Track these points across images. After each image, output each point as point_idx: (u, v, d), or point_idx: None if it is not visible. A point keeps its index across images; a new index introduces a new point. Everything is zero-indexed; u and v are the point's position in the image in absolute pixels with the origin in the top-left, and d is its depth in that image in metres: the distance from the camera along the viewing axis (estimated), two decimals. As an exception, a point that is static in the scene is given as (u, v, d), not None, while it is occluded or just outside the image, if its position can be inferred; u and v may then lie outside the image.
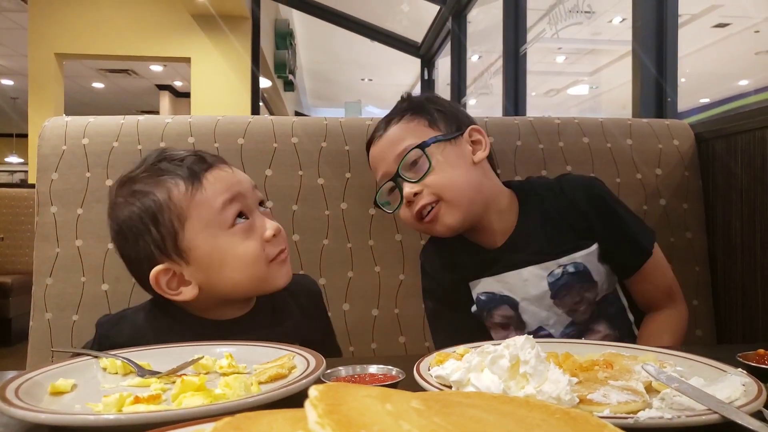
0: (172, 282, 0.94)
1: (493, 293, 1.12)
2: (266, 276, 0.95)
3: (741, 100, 10.41)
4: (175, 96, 11.56)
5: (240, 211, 0.95)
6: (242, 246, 0.93)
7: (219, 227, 0.92)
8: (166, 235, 0.92)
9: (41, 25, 6.78)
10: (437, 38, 5.95)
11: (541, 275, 1.09)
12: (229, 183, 0.95)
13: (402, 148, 1.08)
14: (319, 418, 0.33)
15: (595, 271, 1.09)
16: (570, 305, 1.08)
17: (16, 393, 0.65)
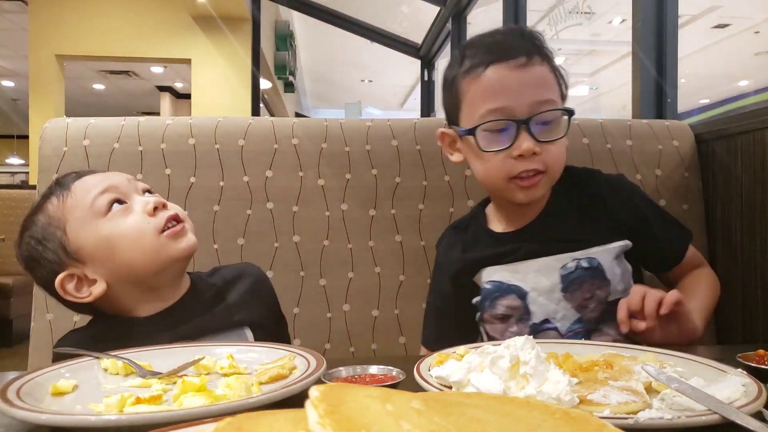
0: (80, 286, 0.95)
1: (501, 282, 1.08)
2: (159, 247, 0.94)
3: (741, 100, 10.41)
4: (176, 97, 11.57)
5: (115, 199, 0.96)
6: (123, 224, 0.94)
7: (95, 218, 0.94)
8: (56, 248, 0.95)
9: (42, 27, 6.79)
10: (437, 39, 5.94)
11: (554, 267, 1.05)
12: (97, 180, 0.98)
13: (545, 99, 1.00)
14: (320, 419, 0.33)
15: (609, 270, 1.05)
16: (580, 301, 1.04)
17: (18, 394, 0.65)
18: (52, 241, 0.95)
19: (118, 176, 1.00)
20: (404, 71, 9.42)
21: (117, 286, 0.95)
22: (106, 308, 0.98)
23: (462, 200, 1.43)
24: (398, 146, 1.43)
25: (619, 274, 1.06)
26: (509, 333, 1.07)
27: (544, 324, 1.06)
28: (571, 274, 1.04)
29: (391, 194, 1.42)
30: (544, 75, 1.03)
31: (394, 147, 1.43)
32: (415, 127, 1.45)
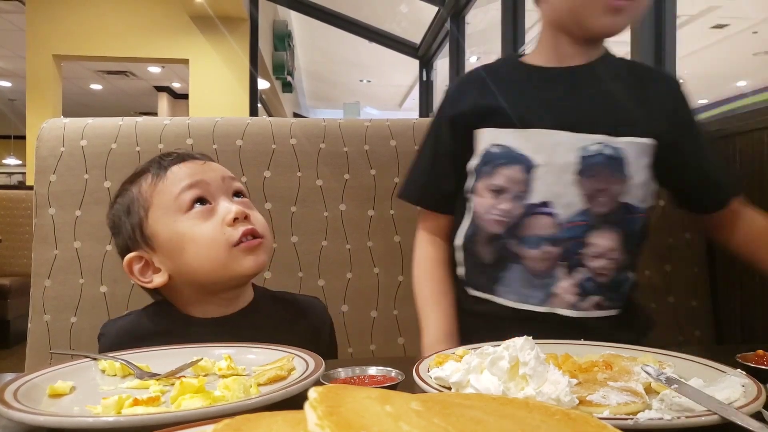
0: (145, 270, 0.96)
1: (510, 148, 0.98)
2: (227, 260, 0.92)
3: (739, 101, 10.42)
4: (174, 97, 11.57)
5: (200, 197, 0.94)
6: (198, 228, 0.92)
7: (176, 212, 0.93)
8: (135, 225, 0.96)
9: (39, 27, 6.78)
10: (436, 39, 5.95)
11: (574, 144, 0.96)
12: (191, 171, 0.96)
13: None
14: (319, 420, 0.33)
15: (632, 165, 0.97)
16: (591, 189, 0.95)
17: (15, 395, 0.64)
18: (133, 218, 0.96)
19: (213, 172, 0.98)
20: (403, 71, 9.43)
21: (178, 282, 0.95)
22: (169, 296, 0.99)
23: (460, 200, 1.43)
24: (397, 146, 1.43)
25: (642, 177, 0.99)
26: (496, 211, 0.99)
27: (542, 207, 0.97)
28: (592, 158, 0.96)
29: (389, 194, 1.41)
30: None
31: (392, 147, 1.43)
32: (413, 127, 1.45)
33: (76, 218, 1.33)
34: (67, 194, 1.34)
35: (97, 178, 1.35)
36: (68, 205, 1.34)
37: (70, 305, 1.31)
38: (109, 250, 1.33)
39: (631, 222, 0.99)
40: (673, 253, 1.43)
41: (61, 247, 1.32)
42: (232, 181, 1.00)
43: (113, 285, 1.32)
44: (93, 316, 1.31)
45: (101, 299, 1.32)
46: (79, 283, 1.32)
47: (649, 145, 0.99)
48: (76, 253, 1.32)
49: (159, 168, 0.97)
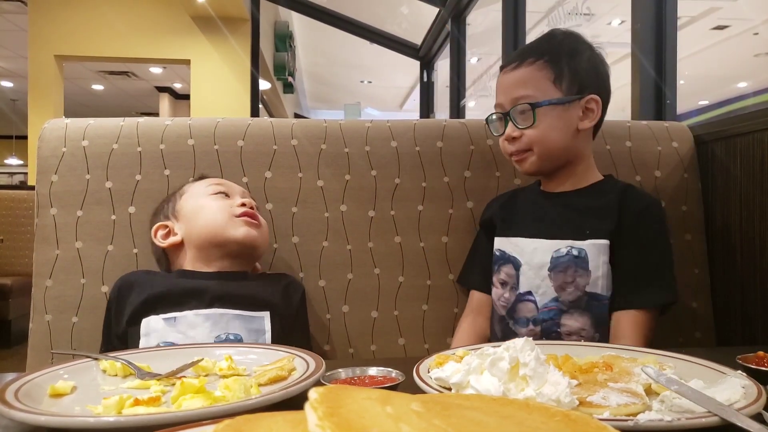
0: (166, 235, 1.25)
1: (504, 252, 1.26)
2: (226, 225, 1.19)
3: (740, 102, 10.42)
4: (175, 98, 11.57)
5: (222, 191, 1.25)
6: (213, 201, 1.22)
7: (202, 195, 1.25)
8: (169, 204, 1.28)
9: (41, 27, 6.78)
10: (436, 40, 5.95)
11: (549, 248, 1.20)
12: (217, 181, 1.30)
13: (520, 95, 1.20)
14: (319, 421, 0.33)
15: (593, 262, 1.16)
16: (561, 282, 1.17)
17: (16, 395, 0.65)
18: (169, 201, 1.29)
19: (236, 186, 1.31)
20: (403, 72, 9.43)
21: (187, 244, 1.23)
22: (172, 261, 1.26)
23: (461, 202, 1.43)
24: (398, 147, 1.43)
25: (602, 271, 1.16)
26: (502, 299, 1.25)
27: (527, 295, 1.21)
28: (561, 258, 1.18)
29: (390, 195, 1.42)
30: (528, 74, 1.22)
31: (393, 148, 1.43)
32: (414, 128, 1.45)
33: (77, 218, 1.34)
34: (69, 194, 1.34)
35: (99, 179, 1.35)
36: (70, 205, 1.34)
37: (72, 305, 1.31)
38: (110, 251, 1.33)
39: (596, 307, 1.16)
40: (674, 255, 1.43)
41: (62, 248, 1.33)
42: (247, 193, 1.33)
43: (114, 285, 1.32)
44: (94, 316, 1.31)
45: (102, 299, 1.32)
46: (81, 283, 1.32)
47: (605, 245, 1.17)
48: (78, 253, 1.33)
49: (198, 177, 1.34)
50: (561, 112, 1.20)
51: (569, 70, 1.21)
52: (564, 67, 1.21)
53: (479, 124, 1.47)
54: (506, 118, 1.23)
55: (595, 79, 1.24)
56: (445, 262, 1.42)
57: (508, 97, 1.23)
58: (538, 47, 1.25)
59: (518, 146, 1.22)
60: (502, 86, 1.26)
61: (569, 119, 1.21)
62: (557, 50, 1.23)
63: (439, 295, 1.41)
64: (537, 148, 1.21)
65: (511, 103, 1.22)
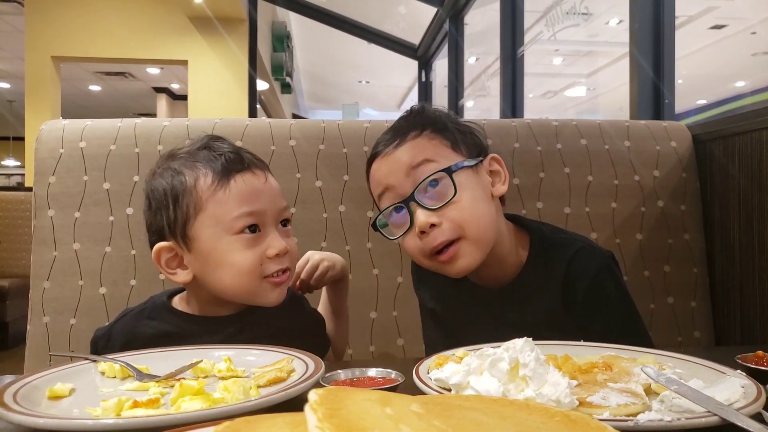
0: (172, 261, 0.97)
1: None
2: (256, 290, 0.95)
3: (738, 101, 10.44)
4: (172, 99, 11.56)
5: (251, 225, 0.94)
6: (240, 255, 0.93)
7: (226, 230, 0.93)
8: (179, 218, 0.95)
9: (38, 28, 6.77)
10: (434, 40, 5.95)
11: None
12: (253, 195, 0.95)
13: (421, 168, 0.96)
14: (319, 422, 0.33)
15: None
16: None
17: (14, 397, 0.64)
18: (180, 210, 0.95)
19: (270, 198, 0.96)
20: (401, 72, 9.43)
21: (198, 285, 0.98)
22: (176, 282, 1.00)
23: (460, 201, 1.43)
24: (396, 147, 1.43)
25: None
26: None
27: None
28: None
29: (388, 195, 1.41)
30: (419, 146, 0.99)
31: (391, 148, 1.43)
32: (412, 128, 1.45)
33: (75, 220, 1.33)
34: (66, 196, 1.34)
35: (97, 180, 1.35)
36: (67, 206, 1.34)
37: (70, 307, 1.31)
38: (108, 252, 1.33)
39: None
40: (672, 254, 1.44)
41: (60, 249, 1.32)
42: (285, 211, 1.00)
43: (112, 287, 1.32)
44: (92, 317, 1.31)
45: (100, 301, 1.32)
46: (79, 284, 1.32)
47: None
48: (76, 254, 1.32)
49: (223, 173, 0.95)
50: (474, 178, 0.98)
51: (459, 134, 1.01)
52: (454, 132, 1.01)
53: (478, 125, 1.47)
54: (409, 207, 0.95)
55: (482, 140, 1.06)
56: (444, 263, 1.41)
57: (402, 176, 0.96)
58: (413, 123, 1.02)
59: (445, 236, 0.94)
60: (389, 169, 0.99)
61: (483, 185, 0.99)
62: (436, 119, 1.02)
63: (438, 296, 1.41)
64: (470, 230, 0.94)
65: (410, 182, 0.95)
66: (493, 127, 1.47)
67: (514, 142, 1.46)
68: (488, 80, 4.85)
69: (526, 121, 1.52)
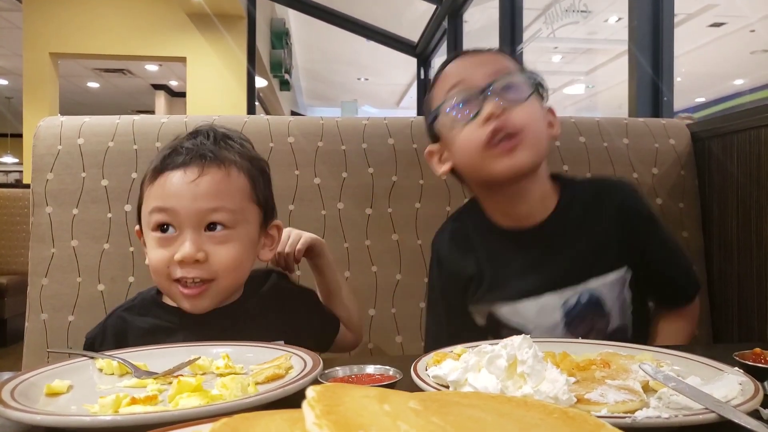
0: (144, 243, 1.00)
1: (500, 320, 1.08)
2: (170, 291, 0.96)
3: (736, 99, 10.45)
4: (171, 95, 11.53)
5: (164, 223, 0.94)
6: (153, 252, 0.95)
7: (147, 225, 0.97)
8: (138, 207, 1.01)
9: (36, 25, 6.76)
10: (433, 38, 5.94)
11: (555, 305, 1.04)
12: (170, 194, 0.94)
13: (502, 67, 1.03)
14: (317, 419, 0.33)
15: (608, 302, 1.05)
16: (581, 334, 1.04)
17: (12, 394, 0.64)
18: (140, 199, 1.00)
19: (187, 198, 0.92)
20: (401, 69, 9.41)
21: None
22: None
23: (459, 199, 1.43)
24: (395, 145, 1.43)
25: (618, 305, 1.06)
26: None
27: None
28: (573, 311, 1.04)
29: (387, 193, 1.41)
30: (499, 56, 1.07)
31: (390, 145, 1.43)
32: (411, 125, 1.45)
33: (73, 217, 1.33)
34: (65, 192, 1.34)
35: (95, 177, 1.35)
36: (65, 203, 1.33)
37: (68, 304, 1.31)
38: (106, 249, 1.33)
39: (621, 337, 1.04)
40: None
41: (58, 246, 1.32)
42: (211, 214, 0.93)
43: (110, 283, 1.32)
44: (90, 314, 1.30)
45: (98, 298, 1.31)
46: (77, 281, 1.31)
47: (619, 277, 1.05)
48: (74, 251, 1.32)
49: (157, 169, 0.96)
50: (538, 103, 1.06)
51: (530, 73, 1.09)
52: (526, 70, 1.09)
53: (476, 122, 1.47)
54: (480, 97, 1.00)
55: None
56: (443, 260, 1.41)
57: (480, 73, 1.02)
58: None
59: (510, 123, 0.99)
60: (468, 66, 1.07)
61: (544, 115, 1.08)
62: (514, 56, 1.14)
63: (437, 293, 1.41)
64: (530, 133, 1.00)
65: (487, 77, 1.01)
66: (491, 125, 1.47)
67: (512, 140, 1.46)
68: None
69: (524, 118, 1.52)
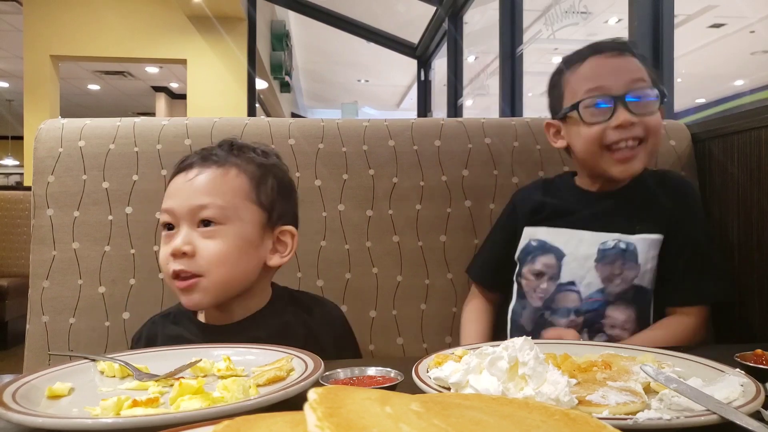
0: None
1: (545, 242, 1.22)
2: (171, 288, 1.00)
3: (737, 100, 10.45)
4: (171, 98, 11.55)
5: (167, 223, 1.00)
6: (161, 251, 1.01)
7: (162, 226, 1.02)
8: None
9: (37, 27, 6.76)
10: (434, 39, 5.95)
11: (595, 241, 1.17)
12: (171, 193, 1.01)
13: (637, 77, 1.14)
14: (319, 421, 0.33)
15: (643, 255, 1.14)
16: (608, 273, 1.14)
17: (14, 397, 0.64)
18: None
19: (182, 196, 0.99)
20: (401, 71, 9.42)
21: None
22: None
23: (459, 201, 1.43)
24: (395, 146, 1.43)
25: (651, 265, 1.14)
26: (540, 289, 1.20)
27: (569, 285, 1.18)
28: (609, 250, 1.15)
29: (388, 195, 1.41)
30: (634, 63, 1.17)
31: (391, 147, 1.43)
32: (412, 127, 1.45)
33: (74, 219, 1.33)
34: (66, 195, 1.34)
35: (96, 179, 1.35)
36: (66, 205, 1.34)
37: (69, 306, 1.31)
38: (107, 251, 1.33)
39: (641, 301, 1.15)
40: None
41: (59, 248, 1.32)
42: (201, 210, 0.98)
43: (111, 286, 1.32)
44: (91, 317, 1.31)
45: (100, 300, 1.32)
46: (78, 284, 1.32)
47: (657, 240, 1.15)
48: (75, 254, 1.32)
49: (174, 172, 1.04)
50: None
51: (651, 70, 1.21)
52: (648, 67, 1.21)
53: (477, 123, 1.47)
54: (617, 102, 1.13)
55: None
56: (444, 262, 1.42)
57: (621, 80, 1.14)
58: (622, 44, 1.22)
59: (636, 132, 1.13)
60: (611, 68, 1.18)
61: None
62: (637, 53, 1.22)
63: (438, 295, 1.41)
64: (653, 137, 1.15)
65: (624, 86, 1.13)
66: (492, 126, 1.47)
67: (513, 141, 1.46)
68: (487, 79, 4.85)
69: (525, 119, 1.52)
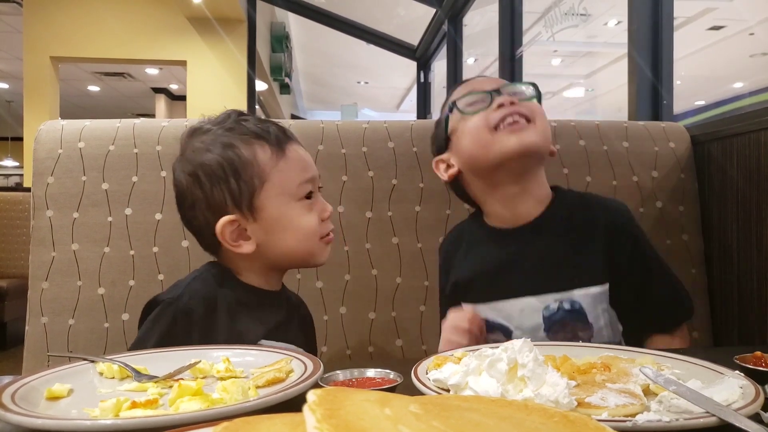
0: (235, 234, 0.99)
1: (488, 319, 1.10)
2: (314, 251, 1.03)
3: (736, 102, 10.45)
4: (171, 99, 11.55)
5: (311, 192, 1.03)
6: (304, 218, 1.01)
7: (291, 197, 1.00)
8: (245, 190, 0.98)
9: (36, 29, 6.76)
10: (433, 41, 5.95)
11: (537, 307, 1.06)
12: (306, 164, 1.04)
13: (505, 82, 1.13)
14: (318, 423, 0.33)
15: (591, 314, 1.04)
16: (561, 339, 1.03)
17: (12, 398, 0.64)
18: (245, 182, 0.98)
19: (314, 166, 1.06)
20: (400, 73, 9.42)
21: (261, 253, 1.00)
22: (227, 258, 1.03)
23: (458, 202, 1.43)
24: (395, 148, 1.43)
25: (603, 320, 1.05)
26: None
27: None
28: (554, 316, 1.05)
29: (387, 196, 1.42)
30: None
31: (390, 149, 1.43)
32: (411, 128, 1.45)
33: (73, 220, 1.33)
34: (65, 196, 1.34)
35: (95, 180, 1.35)
36: (66, 207, 1.34)
37: (68, 307, 1.31)
38: (107, 252, 1.33)
39: None
40: (671, 255, 1.44)
41: (58, 250, 1.32)
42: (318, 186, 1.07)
43: (111, 287, 1.32)
44: (91, 318, 1.31)
45: (99, 301, 1.32)
46: (77, 285, 1.32)
47: (601, 292, 1.05)
48: (74, 255, 1.32)
49: (277, 144, 1.01)
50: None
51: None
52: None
53: (476, 125, 1.47)
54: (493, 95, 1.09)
55: None
56: (443, 263, 1.42)
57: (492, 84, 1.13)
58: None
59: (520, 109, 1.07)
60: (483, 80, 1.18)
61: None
62: None
63: (437, 296, 1.41)
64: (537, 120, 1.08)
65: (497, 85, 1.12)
66: (491, 128, 1.47)
67: (512, 143, 1.46)
68: (487, 81, 4.84)
69: (524, 121, 1.52)
